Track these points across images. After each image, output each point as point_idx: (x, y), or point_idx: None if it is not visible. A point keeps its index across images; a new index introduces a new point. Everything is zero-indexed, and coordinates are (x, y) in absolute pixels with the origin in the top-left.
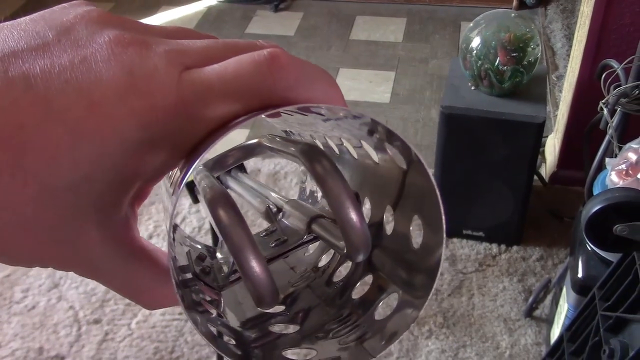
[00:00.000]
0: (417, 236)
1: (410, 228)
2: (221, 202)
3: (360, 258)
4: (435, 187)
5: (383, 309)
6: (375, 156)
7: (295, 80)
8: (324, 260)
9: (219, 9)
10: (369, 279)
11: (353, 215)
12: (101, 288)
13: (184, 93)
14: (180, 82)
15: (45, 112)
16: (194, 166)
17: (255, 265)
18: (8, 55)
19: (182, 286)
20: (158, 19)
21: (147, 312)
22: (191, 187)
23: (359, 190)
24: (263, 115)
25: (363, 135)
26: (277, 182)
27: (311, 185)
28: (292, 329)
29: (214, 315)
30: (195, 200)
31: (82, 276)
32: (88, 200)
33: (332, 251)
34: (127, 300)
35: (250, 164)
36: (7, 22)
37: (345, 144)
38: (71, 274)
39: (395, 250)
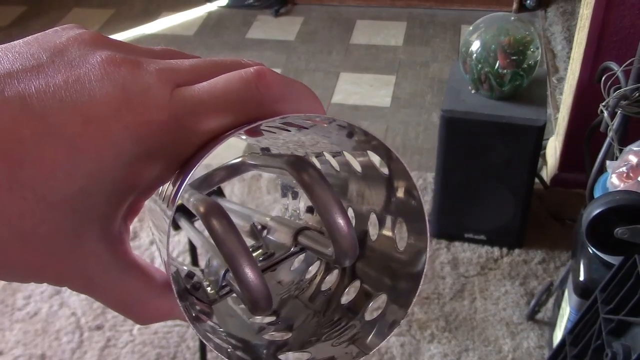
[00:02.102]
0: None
1: (395, 233)
2: (214, 212)
3: (348, 263)
4: (417, 188)
5: (372, 309)
6: (357, 165)
7: (281, 95)
8: (310, 273)
9: (219, 14)
10: (356, 285)
11: (340, 220)
12: None
13: (176, 109)
14: (172, 99)
15: (42, 129)
16: (190, 174)
17: (249, 271)
18: (4, 76)
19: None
20: (158, 25)
21: None
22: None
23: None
24: (243, 137)
25: (343, 142)
26: (277, 187)
27: (293, 203)
28: (284, 336)
29: (212, 325)
30: (176, 227)
31: (76, 291)
32: (84, 213)
33: (317, 264)
34: None
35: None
36: (1, 45)
37: (327, 157)
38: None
39: (379, 257)
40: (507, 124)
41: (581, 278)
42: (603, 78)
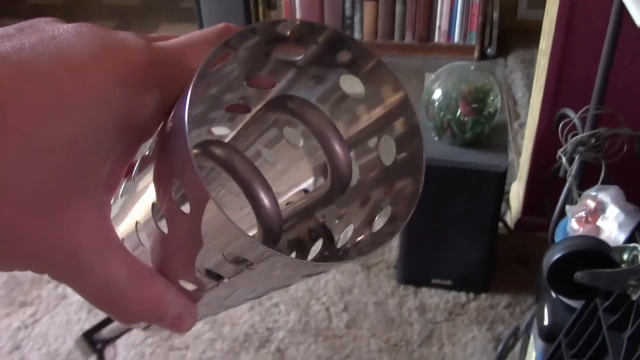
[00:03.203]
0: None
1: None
2: (215, 143)
3: (343, 191)
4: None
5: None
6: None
7: None
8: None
9: None
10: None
11: (336, 144)
12: (64, 348)
13: (157, 54)
14: (149, 47)
15: (25, 74)
16: (191, 88)
17: (263, 193)
18: None
19: None
20: None
21: None
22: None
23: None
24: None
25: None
26: None
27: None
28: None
29: None
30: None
31: (56, 272)
32: (72, 167)
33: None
34: None
35: None
36: None
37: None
38: (34, 333)
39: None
40: (470, 170)
41: (545, 322)
42: (561, 124)
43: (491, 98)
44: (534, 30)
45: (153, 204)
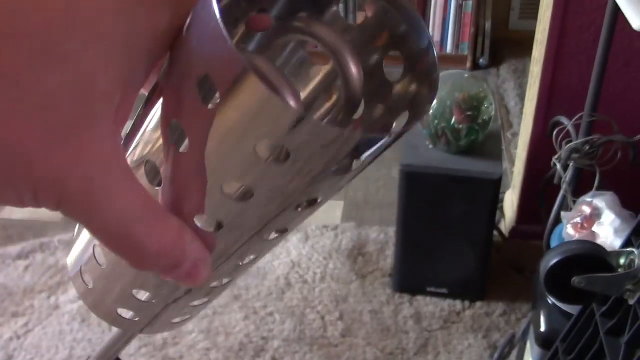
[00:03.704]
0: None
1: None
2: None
3: (356, 108)
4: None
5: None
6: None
7: None
8: None
9: None
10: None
11: (350, 60)
12: (57, 358)
13: None
14: None
15: None
16: None
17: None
18: None
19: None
20: None
21: None
22: None
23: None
24: None
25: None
26: None
27: None
28: None
29: None
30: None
31: (70, 202)
32: (83, 82)
33: None
34: None
35: None
36: None
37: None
38: (26, 343)
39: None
40: (465, 178)
41: (542, 329)
42: (554, 132)
43: (485, 105)
44: (526, 40)
45: (169, 123)
